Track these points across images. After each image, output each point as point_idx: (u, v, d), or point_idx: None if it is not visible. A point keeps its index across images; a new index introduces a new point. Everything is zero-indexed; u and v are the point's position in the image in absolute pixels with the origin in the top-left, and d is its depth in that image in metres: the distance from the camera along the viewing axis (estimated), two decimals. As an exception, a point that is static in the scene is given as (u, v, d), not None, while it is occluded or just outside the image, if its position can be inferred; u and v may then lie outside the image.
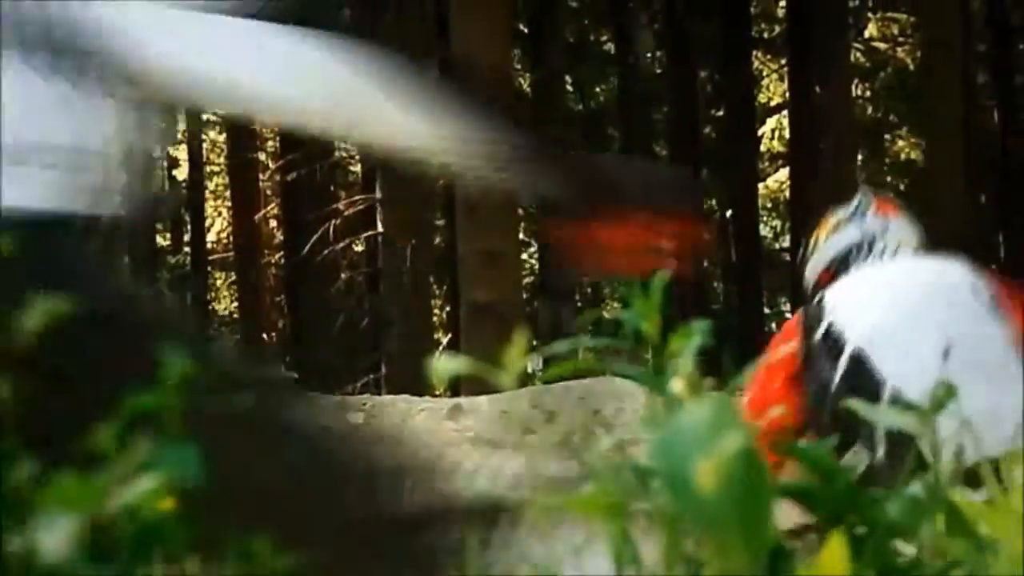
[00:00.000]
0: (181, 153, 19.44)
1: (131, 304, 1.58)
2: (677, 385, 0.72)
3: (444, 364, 0.77)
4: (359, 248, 15.63)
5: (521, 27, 15.80)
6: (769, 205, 18.99)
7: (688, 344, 0.74)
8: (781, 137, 18.15)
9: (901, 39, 17.58)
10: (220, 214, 19.37)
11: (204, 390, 1.47)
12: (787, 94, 17.04)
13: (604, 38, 18.23)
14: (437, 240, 15.23)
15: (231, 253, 18.25)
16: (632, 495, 0.68)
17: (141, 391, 0.73)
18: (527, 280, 15.62)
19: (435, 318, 15.90)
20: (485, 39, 9.28)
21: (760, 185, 17.64)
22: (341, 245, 14.04)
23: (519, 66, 15.79)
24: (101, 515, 0.60)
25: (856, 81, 16.73)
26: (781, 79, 18.06)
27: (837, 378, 2.84)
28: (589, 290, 17.40)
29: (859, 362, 2.76)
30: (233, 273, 18.59)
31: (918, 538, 0.70)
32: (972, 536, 0.71)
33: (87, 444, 0.68)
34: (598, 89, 18.54)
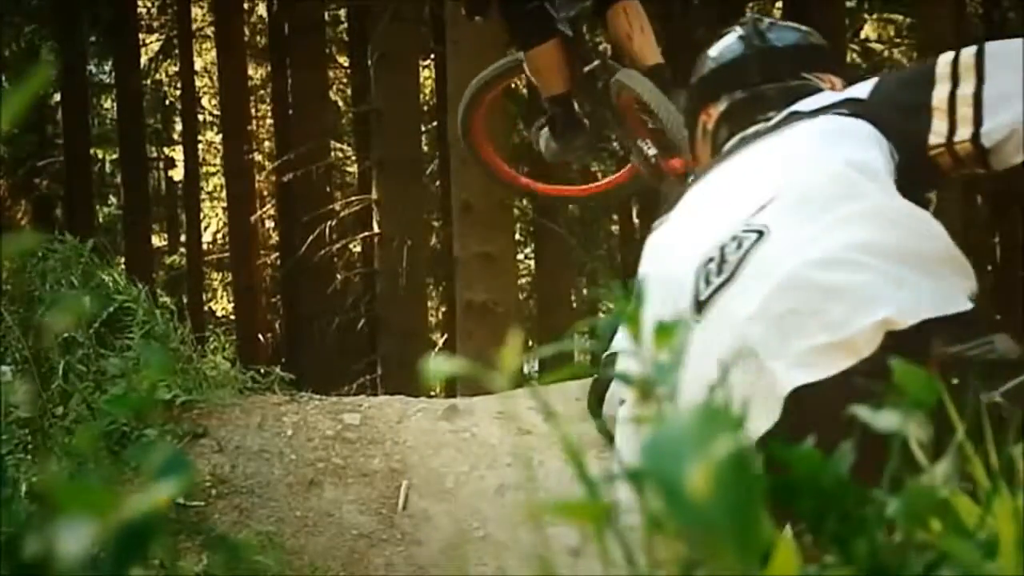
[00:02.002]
0: (177, 154, 19.44)
1: None
2: (630, 396, 0.72)
3: (440, 365, 0.77)
4: (355, 249, 15.63)
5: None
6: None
7: (672, 343, 0.74)
8: (777, 138, 18.15)
9: (898, 40, 17.59)
10: (216, 215, 19.37)
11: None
12: (783, 95, 17.04)
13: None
14: (433, 241, 15.23)
15: (227, 254, 18.25)
16: (622, 500, 0.68)
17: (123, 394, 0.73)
18: (522, 281, 15.62)
19: (431, 319, 15.89)
20: (482, 40, 9.28)
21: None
22: (337, 246, 14.03)
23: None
24: (112, 520, 0.60)
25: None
26: (777, 80, 18.06)
27: None
28: (584, 291, 17.40)
29: None
30: (229, 274, 18.58)
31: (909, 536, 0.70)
32: (966, 534, 0.71)
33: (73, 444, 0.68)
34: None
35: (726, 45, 2.27)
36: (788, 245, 1.74)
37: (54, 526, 0.59)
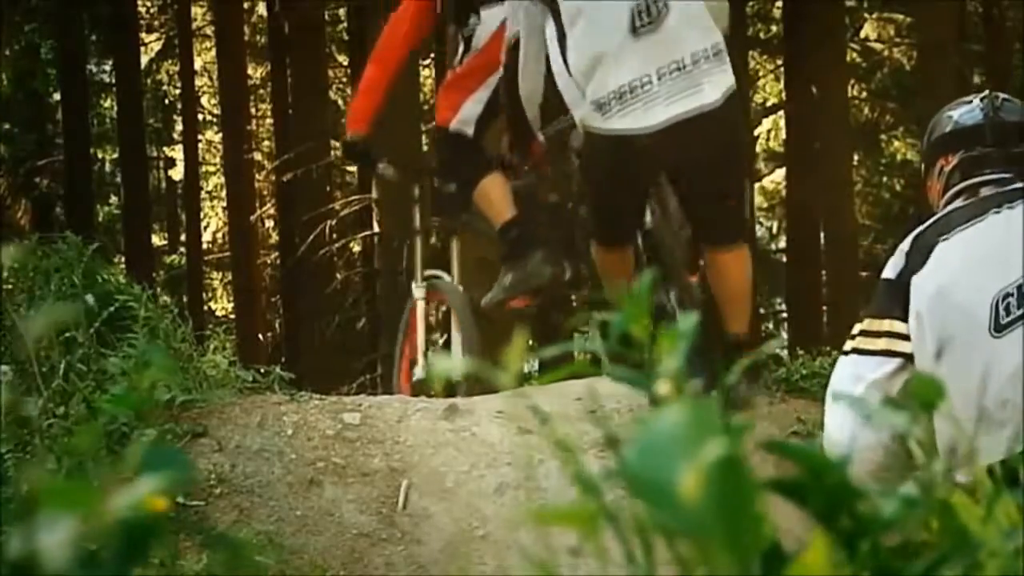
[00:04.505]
0: (177, 153, 19.44)
1: None
2: (663, 387, 0.72)
3: (440, 365, 0.77)
4: (355, 248, 15.63)
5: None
6: (765, 206, 19.01)
7: (677, 344, 0.74)
8: (777, 137, 18.16)
9: (897, 40, 17.59)
10: (216, 214, 19.37)
11: None
12: (783, 94, 17.04)
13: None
14: (433, 240, 15.21)
15: (227, 253, 18.24)
16: (613, 505, 0.68)
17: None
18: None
19: (431, 319, 15.87)
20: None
21: (756, 185, 17.65)
22: (337, 245, 14.03)
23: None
24: (97, 518, 0.60)
25: (852, 81, 16.73)
26: (777, 79, 18.06)
27: None
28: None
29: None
30: (229, 273, 18.58)
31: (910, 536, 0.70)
32: (966, 535, 0.71)
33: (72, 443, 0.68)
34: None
35: (967, 111, 3.06)
36: None
37: (36, 524, 0.59)
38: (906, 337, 2.77)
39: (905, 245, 2.87)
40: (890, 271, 2.87)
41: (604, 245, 4.59)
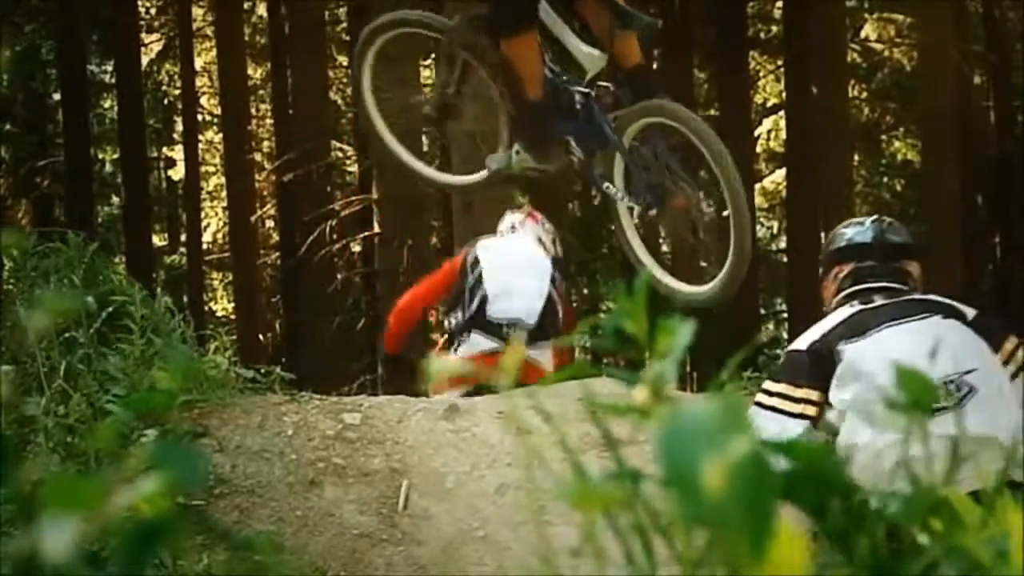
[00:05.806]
0: (177, 153, 19.45)
1: None
2: (640, 393, 0.72)
3: (441, 365, 0.77)
4: (356, 248, 15.63)
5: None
6: (766, 206, 19.01)
7: (674, 344, 0.74)
8: (778, 137, 18.16)
9: (898, 40, 17.60)
10: (216, 214, 19.37)
11: None
12: (784, 94, 17.05)
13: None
14: (433, 240, 15.23)
15: (227, 253, 18.25)
16: (627, 495, 0.68)
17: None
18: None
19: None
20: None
21: (757, 186, 17.65)
22: (338, 246, 14.04)
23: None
24: (102, 515, 0.60)
25: (853, 82, 16.74)
26: (778, 79, 18.07)
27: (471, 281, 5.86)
28: (585, 291, 17.39)
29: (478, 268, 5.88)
30: (230, 273, 18.58)
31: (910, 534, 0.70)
32: (966, 534, 0.71)
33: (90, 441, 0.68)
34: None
35: (859, 231, 3.66)
36: (990, 405, 3.18)
37: (40, 522, 0.59)
38: (815, 403, 3.32)
39: (815, 330, 3.43)
40: (801, 344, 3.42)
41: (514, 31, 4.54)
